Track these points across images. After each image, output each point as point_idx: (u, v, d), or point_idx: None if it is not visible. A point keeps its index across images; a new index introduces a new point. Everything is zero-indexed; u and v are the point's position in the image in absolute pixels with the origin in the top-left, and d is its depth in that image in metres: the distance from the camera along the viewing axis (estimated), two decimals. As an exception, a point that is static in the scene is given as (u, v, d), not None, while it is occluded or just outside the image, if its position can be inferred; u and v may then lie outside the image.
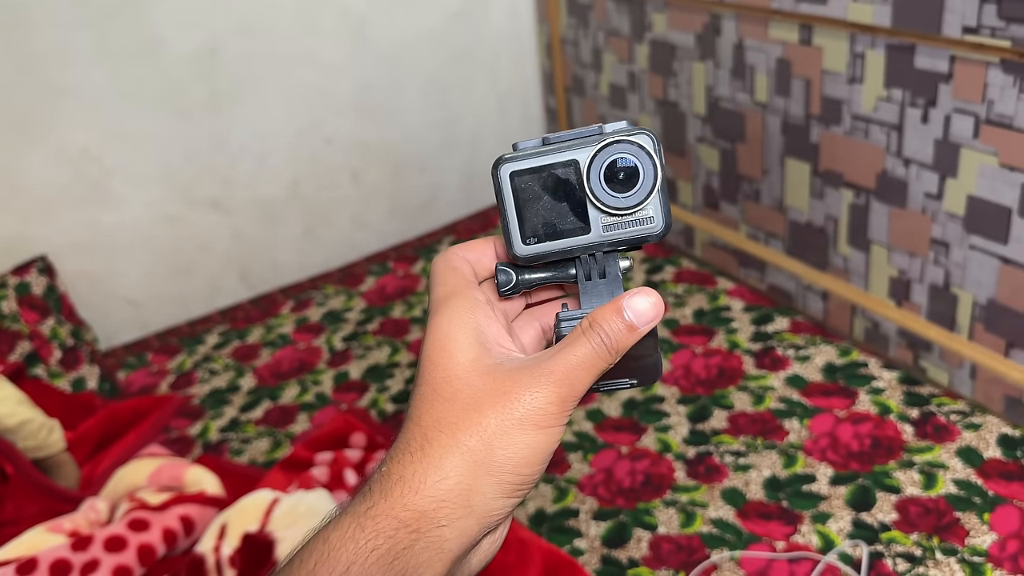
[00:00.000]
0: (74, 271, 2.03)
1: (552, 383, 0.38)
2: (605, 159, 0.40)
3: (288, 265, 2.35)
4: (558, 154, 0.41)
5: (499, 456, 0.38)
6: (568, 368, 0.39)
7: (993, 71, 1.36)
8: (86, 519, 1.38)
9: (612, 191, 0.40)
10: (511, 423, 0.38)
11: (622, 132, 0.41)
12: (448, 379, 0.39)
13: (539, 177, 0.41)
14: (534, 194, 0.41)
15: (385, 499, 0.38)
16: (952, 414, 1.53)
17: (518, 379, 0.39)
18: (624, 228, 0.41)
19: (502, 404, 0.38)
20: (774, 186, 1.88)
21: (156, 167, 2.08)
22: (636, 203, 0.40)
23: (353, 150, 2.33)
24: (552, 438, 0.39)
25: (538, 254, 0.42)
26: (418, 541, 0.37)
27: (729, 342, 1.82)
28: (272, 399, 1.88)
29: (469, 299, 0.42)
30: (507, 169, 0.41)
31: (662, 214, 0.41)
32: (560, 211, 0.41)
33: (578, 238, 0.42)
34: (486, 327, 0.41)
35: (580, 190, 0.41)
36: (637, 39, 2.13)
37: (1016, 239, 1.42)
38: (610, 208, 0.41)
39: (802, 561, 1.31)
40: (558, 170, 0.41)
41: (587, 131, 0.41)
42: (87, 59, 1.91)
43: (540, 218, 0.42)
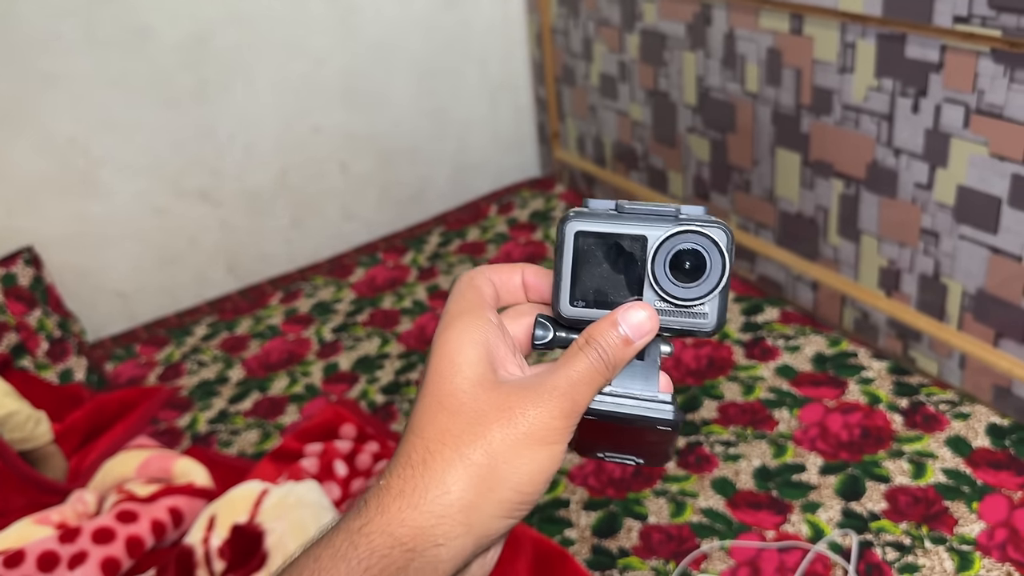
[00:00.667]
0: (61, 262, 2.02)
1: (555, 398, 0.38)
2: (675, 245, 0.39)
3: (277, 256, 2.33)
4: (629, 226, 0.40)
5: (503, 471, 0.37)
6: (570, 383, 0.39)
7: (984, 61, 1.36)
8: (74, 511, 1.37)
9: (674, 279, 0.39)
10: (516, 438, 0.37)
11: (698, 221, 0.39)
12: (454, 392, 0.39)
13: (604, 243, 0.40)
14: (594, 258, 0.41)
15: (381, 515, 0.37)
16: (941, 404, 1.54)
17: (523, 395, 0.38)
18: (676, 317, 0.40)
19: (507, 419, 0.38)
20: (764, 176, 1.88)
21: (144, 157, 2.06)
22: (696, 297, 0.39)
23: (342, 140, 2.31)
24: (555, 455, 0.38)
25: (582, 318, 0.41)
26: (413, 561, 0.36)
27: (719, 333, 1.82)
28: (261, 390, 1.87)
29: (482, 319, 0.41)
30: (574, 227, 0.40)
31: (717, 313, 0.40)
32: (615, 282, 0.41)
33: None
34: (495, 348, 0.41)
35: (641, 268, 0.40)
36: (628, 29, 2.12)
37: (1006, 229, 1.42)
38: (668, 296, 0.39)
39: (792, 550, 1.31)
40: (625, 242, 0.40)
41: (663, 208, 0.40)
42: (74, 48, 1.90)
43: (594, 283, 0.41)
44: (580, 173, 2.50)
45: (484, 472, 0.37)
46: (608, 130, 2.34)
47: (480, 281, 0.43)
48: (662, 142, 2.15)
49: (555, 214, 2.42)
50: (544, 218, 2.41)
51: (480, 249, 2.31)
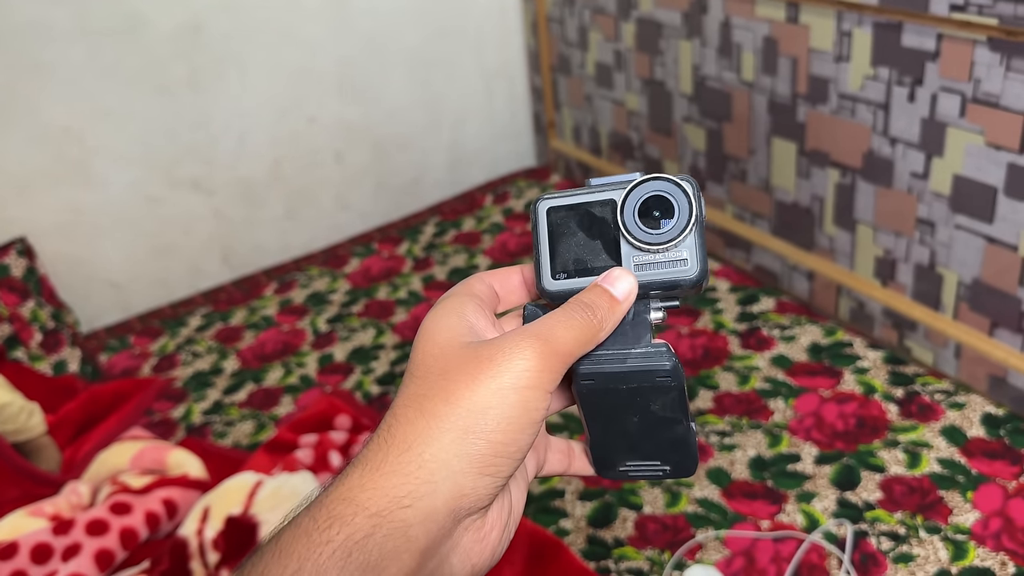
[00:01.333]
0: (54, 252, 2.01)
1: (528, 338, 0.36)
2: (641, 194, 0.40)
3: (271, 246, 2.33)
4: (597, 194, 0.41)
5: (468, 422, 0.34)
6: (547, 327, 0.37)
7: (980, 49, 1.36)
8: (68, 503, 1.36)
9: (644, 226, 0.40)
10: (482, 383, 0.35)
11: (663, 174, 0.40)
12: (426, 360, 0.38)
13: (575, 214, 0.41)
14: (568, 230, 0.41)
15: (342, 482, 0.35)
16: (936, 393, 1.54)
17: (494, 342, 0.37)
18: (656, 268, 0.40)
19: (474, 366, 0.36)
20: (760, 166, 1.87)
21: (137, 147, 2.05)
22: (668, 239, 0.39)
23: (336, 130, 2.30)
24: (528, 403, 0.35)
25: (565, 290, 0.41)
26: (379, 528, 0.33)
27: (715, 322, 1.82)
28: (256, 381, 1.87)
29: (460, 297, 0.41)
30: (545, 205, 0.42)
31: (698, 259, 0.40)
32: (593, 248, 0.41)
33: None
34: (472, 315, 0.40)
35: (615, 230, 0.40)
36: (623, 17, 2.11)
37: (1001, 218, 1.42)
38: (641, 242, 0.40)
39: (787, 540, 1.31)
40: (595, 208, 0.41)
41: (631, 176, 0.41)
42: (66, 36, 1.88)
43: (572, 254, 0.41)
44: (576, 163, 2.50)
45: (445, 422, 0.34)
46: (604, 119, 2.33)
47: (475, 280, 0.43)
48: (658, 131, 2.15)
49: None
50: (540, 208, 2.39)
51: (476, 239, 2.30)
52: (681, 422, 0.41)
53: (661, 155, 2.17)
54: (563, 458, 0.46)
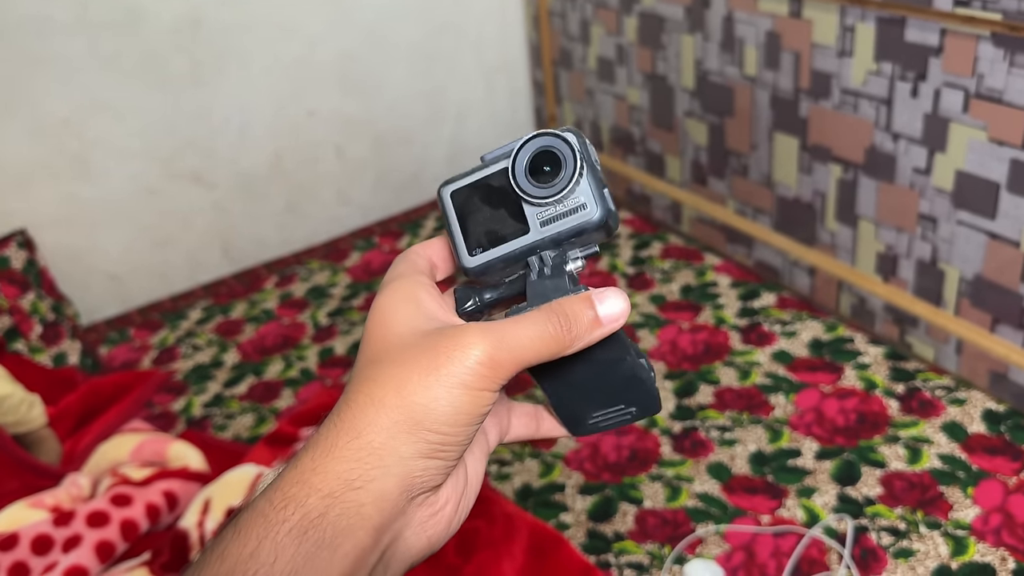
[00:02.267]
0: (54, 245, 2.01)
1: (487, 341, 0.36)
2: (527, 153, 0.41)
3: (271, 240, 2.32)
4: (491, 166, 0.42)
5: (417, 411, 0.36)
6: (510, 331, 0.37)
7: (984, 44, 1.35)
8: (68, 494, 1.36)
9: (537, 182, 0.41)
10: (435, 378, 0.36)
11: (545, 130, 0.42)
12: (382, 345, 0.38)
13: (476, 190, 0.42)
14: (474, 207, 0.42)
15: (293, 467, 0.36)
16: (937, 389, 1.54)
17: (452, 335, 0.37)
18: (559, 220, 0.41)
19: (428, 358, 0.36)
20: (762, 161, 1.87)
21: (137, 140, 2.04)
22: (560, 189, 0.40)
23: (337, 123, 2.30)
24: (478, 401, 0.36)
25: (484, 263, 0.42)
26: (332, 507, 0.35)
27: (716, 318, 1.81)
28: (256, 375, 1.87)
29: (413, 280, 0.41)
30: (447, 190, 0.43)
31: (597, 200, 0.41)
32: (499, 217, 0.42)
33: (519, 239, 0.42)
34: (427, 302, 0.40)
35: (513, 193, 0.42)
36: (625, 11, 2.10)
37: (1004, 214, 1.42)
38: (536, 198, 0.41)
39: (787, 535, 1.31)
40: (492, 180, 0.42)
41: (518, 141, 0.42)
42: (66, 29, 1.88)
43: (482, 228, 0.42)
44: (577, 157, 2.49)
45: (395, 413, 0.36)
46: (605, 114, 2.32)
47: (413, 255, 0.43)
48: (660, 126, 2.14)
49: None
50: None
51: (476, 233, 2.30)
52: (624, 359, 0.42)
53: (663, 150, 2.16)
54: (530, 422, 0.47)
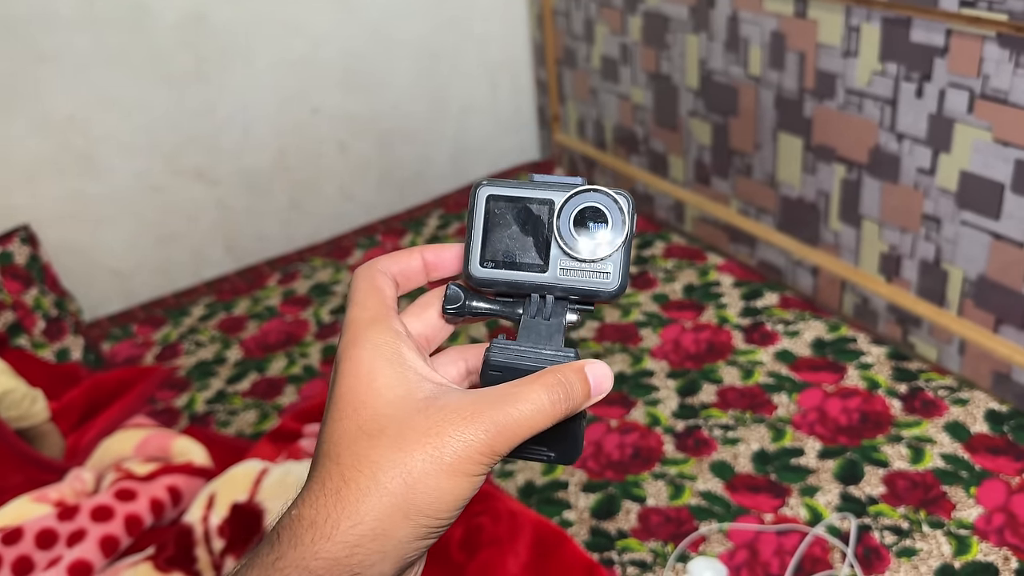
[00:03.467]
0: (58, 241, 2.01)
1: (491, 433, 0.36)
2: (580, 203, 0.41)
3: (274, 237, 2.32)
4: (538, 191, 0.41)
5: (420, 500, 0.36)
6: (512, 420, 0.37)
7: (989, 45, 1.36)
8: (72, 489, 1.36)
9: (578, 234, 0.41)
10: (437, 467, 0.36)
11: (604, 187, 0.41)
12: (375, 417, 0.37)
13: (513, 206, 0.42)
14: (504, 221, 0.42)
15: (294, 548, 0.35)
16: (940, 389, 1.54)
17: (452, 420, 0.36)
18: (580, 276, 0.41)
19: (432, 445, 0.36)
20: (766, 161, 1.87)
21: (141, 136, 2.05)
22: (598, 253, 0.41)
23: (340, 120, 2.30)
24: (475, 485, 0.37)
25: (491, 279, 0.42)
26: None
27: (719, 317, 1.82)
28: (259, 371, 1.87)
29: (391, 331, 0.39)
30: (485, 191, 0.42)
31: (620, 274, 0.41)
32: (524, 244, 0.42)
33: (534, 275, 0.41)
34: (412, 360, 0.39)
35: (548, 231, 0.41)
36: (630, 10, 2.10)
37: (1008, 215, 1.42)
38: (572, 251, 0.41)
39: (790, 533, 1.31)
40: (533, 205, 0.42)
41: (571, 179, 0.42)
42: (72, 26, 1.88)
43: (503, 245, 0.42)
44: (580, 157, 2.49)
45: (399, 500, 0.35)
46: (609, 113, 2.33)
47: (380, 281, 0.42)
48: (663, 126, 2.14)
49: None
50: (543, 201, 2.40)
51: (479, 232, 2.30)
52: (576, 420, 0.41)
53: (666, 150, 2.17)
54: None
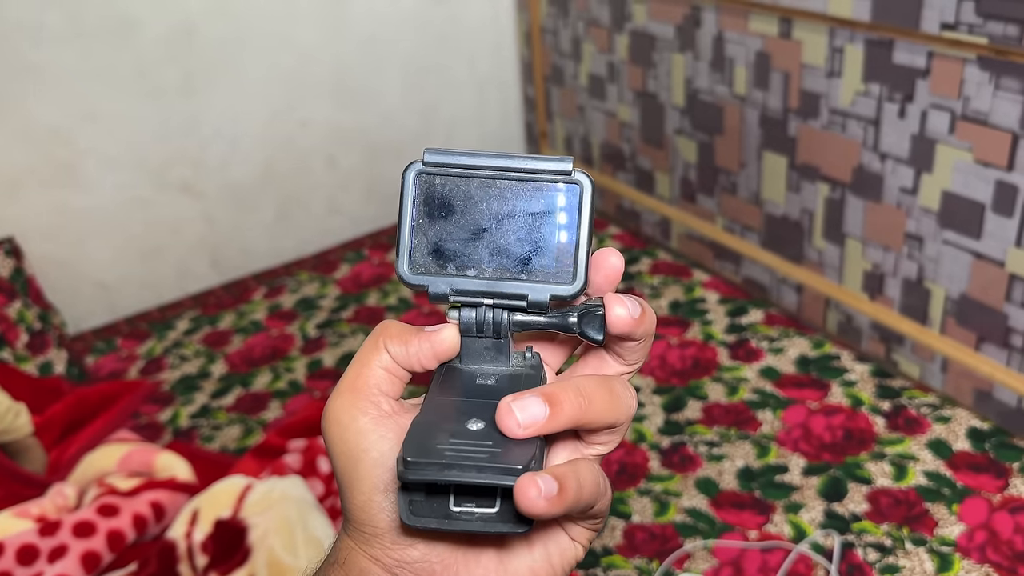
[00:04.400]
0: (42, 254, 2.00)
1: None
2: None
3: (260, 250, 2.32)
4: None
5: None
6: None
7: (970, 67, 1.38)
8: (54, 504, 1.35)
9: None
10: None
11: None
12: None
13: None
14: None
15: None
16: (923, 407, 1.55)
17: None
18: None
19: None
20: (751, 179, 1.89)
21: (127, 149, 2.04)
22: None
23: (329, 134, 2.30)
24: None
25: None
26: None
27: (704, 333, 1.83)
28: (244, 386, 1.86)
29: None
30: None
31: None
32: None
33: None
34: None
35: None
36: (617, 29, 2.12)
37: (989, 234, 1.44)
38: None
39: (774, 550, 1.32)
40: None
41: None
42: (58, 38, 1.87)
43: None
44: (567, 173, 2.50)
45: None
46: (596, 130, 2.34)
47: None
48: (650, 143, 2.16)
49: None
50: (530, 217, 2.40)
51: (466, 247, 2.30)
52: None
53: (652, 167, 2.18)
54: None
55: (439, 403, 0.37)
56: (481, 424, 0.35)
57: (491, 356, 0.39)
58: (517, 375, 0.39)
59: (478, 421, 0.35)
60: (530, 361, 0.39)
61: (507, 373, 0.39)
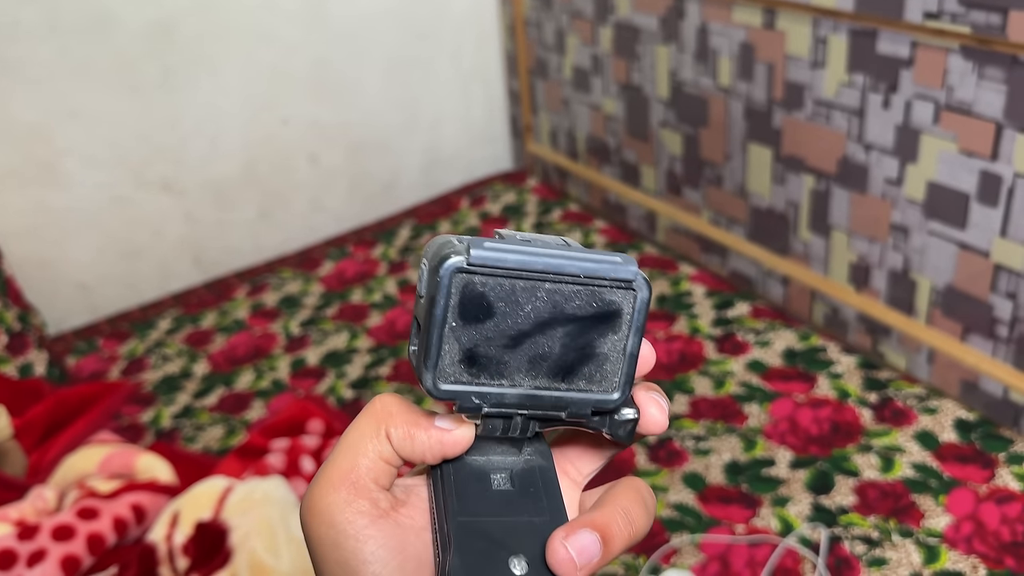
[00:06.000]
0: (21, 254, 1.97)
1: None
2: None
3: (243, 248, 2.30)
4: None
5: None
6: None
7: (953, 57, 1.37)
8: (33, 508, 1.33)
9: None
10: None
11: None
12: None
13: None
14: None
15: None
16: (909, 398, 1.55)
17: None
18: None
19: None
20: (736, 171, 1.88)
21: (107, 147, 2.02)
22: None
23: (311, 131, 2.28)
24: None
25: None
26: None
27: (690, 327, 1.82)
28: (226, 385, 1.84)
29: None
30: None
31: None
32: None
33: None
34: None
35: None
36: (601, 21, 2.11)
37: (974, 225, 1.43)
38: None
39: (762, 544, 1.31)
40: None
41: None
42: (35, 35, 1.85)
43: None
44: (553, 167, 2.49)
45: None
46: (581, 124, 2.33)
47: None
48: (635, 136, 2.15)
49: (527, 208, 2.41)
50: (516, 212, 2.39)
51: (451, 243, 2.29)
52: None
53: (638, 160, 2.17)
54: None
55: (465, 528, 0.33)
56: (524, 566, 0.32)
57: (503, 449, 0.36)
58: (530, 470, 0.36)
59: (520, 560, 0.33)
60: (538, 446, 0.36)
61: (520, 468, 0.36)
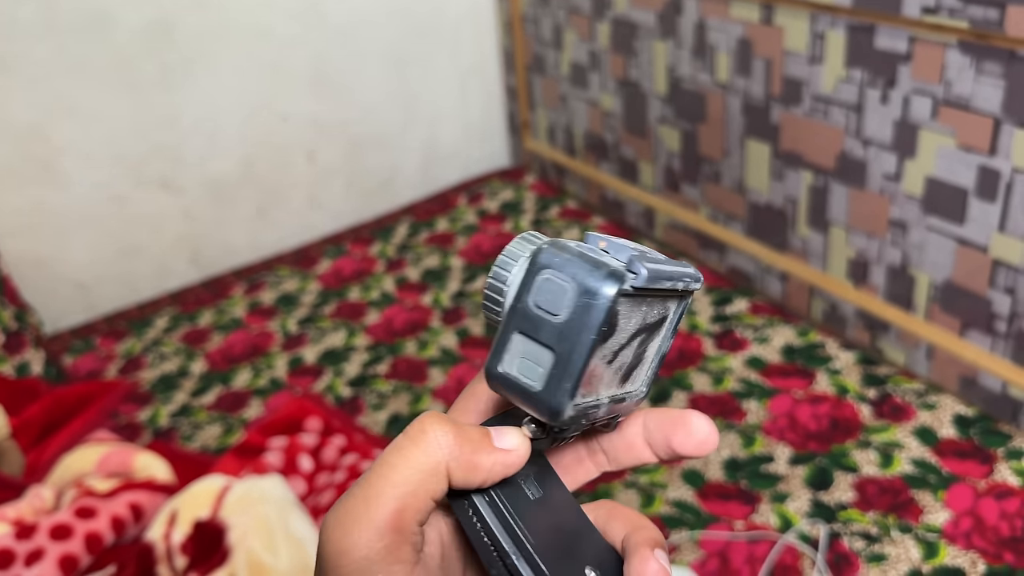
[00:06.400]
0: (17, 252, 1.96)
1: None
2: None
3: (240, 246, 2.29)
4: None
5: None
6: None
7: (951, 52, 1.37)
8: (31, 507, 1.33)
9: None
10: None
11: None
12: None
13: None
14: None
15: None
16: (908, 394, 1.55)
17: None
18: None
19: None
20: (734, 167, 1.88)
21: (104, 145, 2.01)
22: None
23: (309, 128, 2.28)
24: None
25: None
26: None
27: (689, 324, 1.81)
28: (224, 384, 1.84)
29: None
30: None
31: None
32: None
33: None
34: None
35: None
36: (598, 17, 2.10)
37: (972, 220, 1.43)
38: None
39: (761, 541, 1.31)
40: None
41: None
42: (32, 33, 1.84)
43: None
44: (550, 163, 2.49)
45: None
46: (578, 120, 2.32)
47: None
48: (633, 132, 2.14)
49: (525, 205, 2.41)
50: (514, 209, 2.39)
51: (449, 240, 2.29)
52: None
53: (635, 156, 2.16)
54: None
55: (543, 551, 0.31)
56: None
57: None
58: (539, 471, 0.35)
59: (592, 571, 0.32)
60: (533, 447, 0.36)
61: (534, 470, 0.35)
